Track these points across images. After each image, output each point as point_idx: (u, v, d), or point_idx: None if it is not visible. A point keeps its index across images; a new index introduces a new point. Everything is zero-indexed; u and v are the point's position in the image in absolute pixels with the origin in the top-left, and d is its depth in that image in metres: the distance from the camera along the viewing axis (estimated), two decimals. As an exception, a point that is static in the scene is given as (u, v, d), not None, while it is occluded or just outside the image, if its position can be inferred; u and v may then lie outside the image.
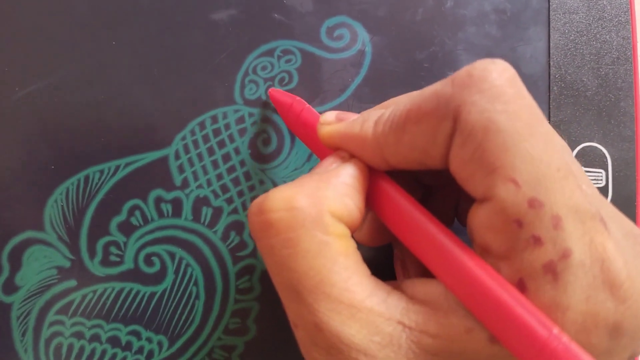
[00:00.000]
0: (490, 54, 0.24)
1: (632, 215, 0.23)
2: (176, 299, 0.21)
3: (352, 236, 0.15)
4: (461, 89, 0.14)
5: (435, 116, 0.14)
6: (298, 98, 0.21)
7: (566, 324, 0.13)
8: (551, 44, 0.24)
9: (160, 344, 0.21)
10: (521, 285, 0.13)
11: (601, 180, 0.23)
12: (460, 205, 0.20)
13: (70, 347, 0.21)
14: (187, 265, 0.21)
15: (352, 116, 0.17)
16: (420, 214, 0.15)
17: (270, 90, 0.22)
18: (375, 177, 0.16)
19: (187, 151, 0.22)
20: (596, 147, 0.23)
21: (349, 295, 0.14)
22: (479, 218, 0.14)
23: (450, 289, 0.14)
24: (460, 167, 0.14)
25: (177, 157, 0.22)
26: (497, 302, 0.13)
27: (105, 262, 0.21)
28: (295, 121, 0.20)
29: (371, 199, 0.16)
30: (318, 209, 0.14)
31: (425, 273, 0.19)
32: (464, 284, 0.14)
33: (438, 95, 0.14)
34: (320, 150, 0.19)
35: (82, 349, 0.21)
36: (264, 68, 0.22)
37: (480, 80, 0.14)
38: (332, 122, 0.18)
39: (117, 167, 0.21)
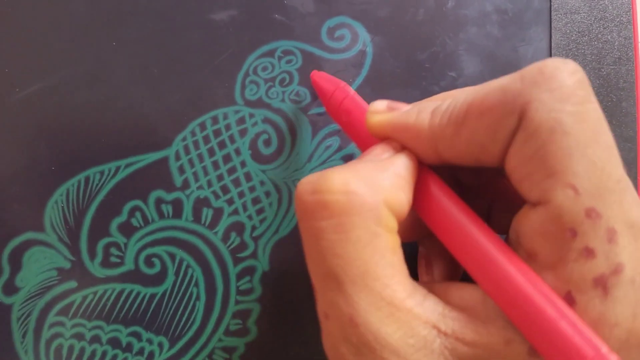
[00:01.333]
0: (491, 54, 0.24)
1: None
2: (177, 300, 0.21)
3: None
4: (531, 86, 0.13)
5: (500, 110, 0.14)
6: (342, 84, 0.20)
7: (611, 341, 0.13)
8: (552, 44, 0.24)
9: (160, 345, 0.21)
10: (569, 298, 0.13)
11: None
12: (494, 208, 0.19)
13: (71, 349, 0.21)
14: (188, 266, 0.21)
15: (403, 106, 0.17)
16: (465, 213, 0.15)
17: (312, 73, 0.21)
18: (421, 171, 0.16)
19: (187, 152, 0.22)
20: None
21: (391, 293, 0.13)
22: (530, 222, 0.14)
23: (491, 296, 0.14)
24: (518, 166, 0.14)
25: (178, 158, 0.22)
26: (541, 314, 0.13)
27: (106, 263, 0.21)
28: (336, 109, 0.19)
29: (414, 194, 0.16)
30: (376, 199, 0.14)
31: (450, 273, 0.19)
32: (507, 293, 0.13)
33: (505, 90, 0.14)
34: (363, 140, 0.18)
35: (82, 350, 0.21)
36: (264, 69, 0.22)
37: (552, 78, 0.13)
38: (383, 111, 0.17)
39: (118, 168, 0.21)
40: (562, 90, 0.13)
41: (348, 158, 0.22)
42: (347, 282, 0.13)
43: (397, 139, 0.16)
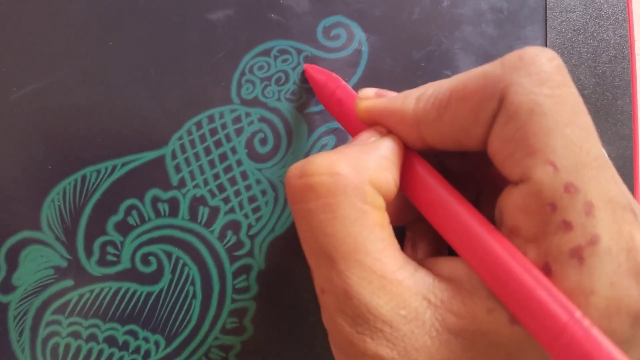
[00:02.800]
0: (487, 53, 0.24)
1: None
2: (173, 299, 0.21)
3: None
4: (511, 71, 0.14)
5: (481, 94, 0.14)
6: (334, 75, 0.21)
7: (589, 309, 0.13)
8: (548, 43, 0.24)
9: (157, 343, 0.21)
10: (546, 269, 0.13)
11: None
12: (482, 196, 0.20)
13: (67, 347, 0.21)
14: (184, 264, 0.21)
15: (391, 93, 0.18)
16: (449, 192, 0.15)
17: (305, 65, 0.22)
18: (407, 154, 0.17)
19: (183, 151, 0.22)
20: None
21: (381, 266, 0.14)
22: (512, 199, 0.14)
23: (473, 269, 0.14)
24: (499, 146, 0.14)
25: (174, 156, 0.22)
26: (518, 283, 0.13)
27: (102, 262, 0.21)
28: (329, 98, 0.20)
29: (401, 176, 0.16)
30: (360, 178, 0.14)
31: (434, 254, 0.19)
32: (486, 264, 0.14)
33: (486, 75, 0.14)
34: (354, 128, 0.19)
35: (78, 348, 0.21)
36: (260, 68, 0.22)
37: (530, 64, 0.14)
38: (371, 97, 0.18)
39: (114, 167, 0.21)
40: (541, 74, 0.14)
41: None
42: (338, 259, 0.14)
43: (383, 124, 0.17)
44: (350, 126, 0.19)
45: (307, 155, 0.22)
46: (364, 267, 0.14)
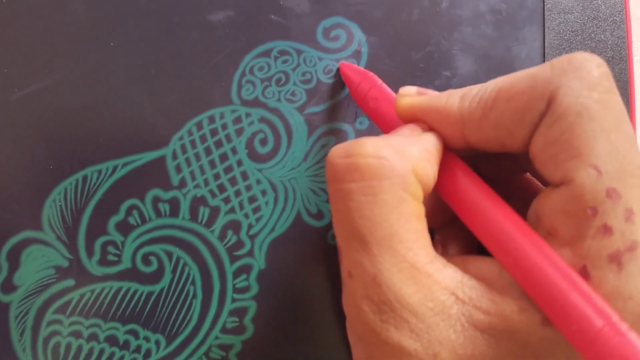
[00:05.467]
0: (485, 54, 0.24)
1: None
2: (173, 298, 0.21)
3: None
4: (560, 73, 0.14)
5: (529, 95, 0.14)
6: (369, 74, 0.21)
7: (625, 314, 0.13)
8: (546, 44, 0.24)
9: (157, 342, 0.21)
10: (584, 272, 0.13)
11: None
12: (510, 201, 0.20)
13: (68, 346, 0.21)
14: (185, 264, 0.21)
15: (432, 92, 0.18)
16: (486, 191, 0.15)
17: (340, 64, 0.22)
18: (445, 153, 0.17)
19: (184, 151, 0.22)
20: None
21: (413, 256, 0.14)
22: (551, 201, 0.14)
23: (507, 269, 0.14)
24: (543, 148, 0.14)
25: (175, 157, 0.22)
26: (554, 285, 0.13)
27: (103, 262, 0.21)
28: (364, 96, 0.20)
29: (438, 174, 0.16)
30: (405, 166, 0.15)
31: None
32: (522, 266, 0.14)
33: (535, 76, 0.14)
34: (389, 125, 0.19)
35: (80, 348, 0.21)
36: (260, 68, 0.23)
37: (580, 68, 0.14)
38: (413, 94, 0.18)
39: (115, 167, 0.21)
40: (590, 79, 0.14)
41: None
42: (372, 243, 0.14)
43: (425, 121, 0.17)
44: (385, 124, 0.19)
45: (307, 155, 0.23)
46: (397, 254, 0.14)
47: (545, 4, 0.24)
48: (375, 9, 0.23)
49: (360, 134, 0.23)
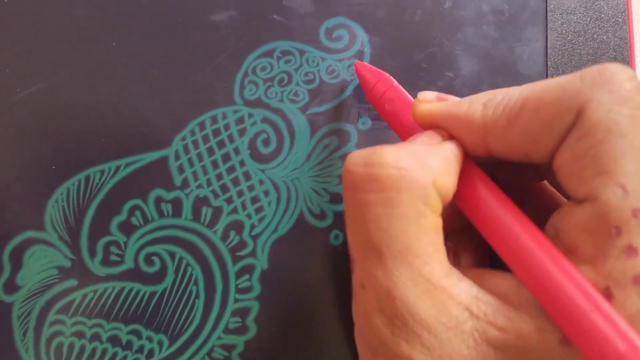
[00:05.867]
0: (488, 54, 0.24)
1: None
2: (176, 299, 0.21)
3: None
4: (591, 85, 0.14)
5: (557, 106, 0.14)
6: (385, 75, 0.20)
7: None
8: (549, 45, 0.24)
9: (160, 343, 0.21)
10: (607, 293, 0.13)
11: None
12: (524, 210, 0.19)
13: (71, 347, 0.21)
14: (187, 264, 0.21)
15: (452, 98, 0.17)
16: (506, 204, 0.15)
17: (356, 63, 0.22)
18: (464, 162, 0.16)
19: (187, 151, 0.22)
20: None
21: (429, 271, 0.14)
22: (573, 218, 0.14)
23: (526, 285, 0.14)
24: (569, 162, 0.14)
25: (177, 157, 0.22)
26: (576, 305, 0.13)
27: (106, 262, 0.21)
28: (379, 98, 0.20)
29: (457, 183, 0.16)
30: (426, 178, 0.14)
31: (476, 266, 0.19)
32: (544, 283, 0.13)
33: (564, 87, 0.14)
34: (405, 128, 0.18)
35: (82, 348, 0.21)
36: (263, 69, 0.23)
37: (611, 80, 0.14)
38: (432, 100, 0.17)
39: (118, 168, 0.21)
40: (621, 93, 0.13)
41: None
42: (388, 256, 0.14)
43: (445, 128, 0.17)
44: (401, 127, 0.19)
45: (309, 155, 0.23)
46: (413, 268, 0.14)
47: (547, 4, 0.24)
48: (378, 9, 0.23)
49: (363, 134, 0.23)
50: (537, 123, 0.14)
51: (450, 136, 0.16)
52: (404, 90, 0.20)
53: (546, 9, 0.24)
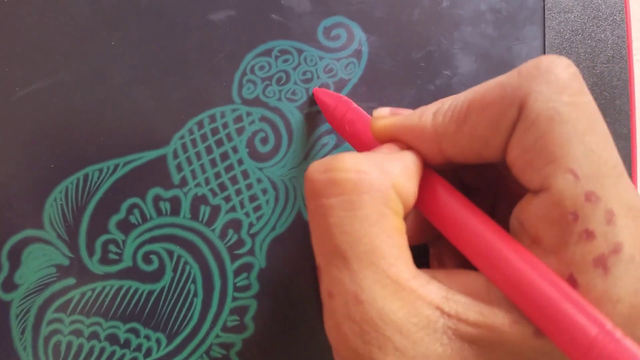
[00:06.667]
0: (486, 53, 0.24)
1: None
2: (174, 297, 0.21)
3: None
4: (528, 79, 0.14)
5: (500, 104, 0.14)
6: (344, 98, 0.21)
7: (615, 317, 0.13)
8: (546, 43, 0.24)
9: (158, 341, 0.21)
10: (572, 280, 0.13)
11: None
12: (497, 208, 0.19)
13: (69, 345, 0.21)
14: (185, 263, 0.22)
15: (405, 111, 0.18)
16: (466, 206, 0.15)
17: (314, 90, 0.22)
18: (424, 170, 0.16)
19: (185, 150, 0.22)
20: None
21: (396, 272, 0.14)
22: (532, 209, 0.14)
23: (494, 283, 0.14)
24: (519, 156, 0.14)
25: (176, 156, 0.22)
26: (545, 297, 0.13)
27: (104, 260, 0.21)
28: (339, 121, 0.20)
29: (418, 192, 0.16)
30: (385, 181, 0.14)
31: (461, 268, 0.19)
32: (510, 279, 0.14)
33: (504, 85, 0.14)
34: (367, 147, 0.19)
35: (80, 346, 0.21)
36: (261, 68, 0.23)
37: (548, 72, 0.14)
38: (387, 115, 0.18)
39: (116, 166, 0.22)
40: (559, 82, 0.14)
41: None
42: (353, 259, 0.14)
43: (402, 141, 0.17)
44: (363, 146, 0.19)
45: (307, 154, 0.23)
46: (379, 270, 0.14)
47: (545, 3, 0.24)
48: (375, 8, 0.23)
49: (360, 133, 0.23)
50: (483, 123, 0.15)
51: (408, 147, 0.17)
52: (363, 110, 0.20)
53: (544, 8, 0.24)
